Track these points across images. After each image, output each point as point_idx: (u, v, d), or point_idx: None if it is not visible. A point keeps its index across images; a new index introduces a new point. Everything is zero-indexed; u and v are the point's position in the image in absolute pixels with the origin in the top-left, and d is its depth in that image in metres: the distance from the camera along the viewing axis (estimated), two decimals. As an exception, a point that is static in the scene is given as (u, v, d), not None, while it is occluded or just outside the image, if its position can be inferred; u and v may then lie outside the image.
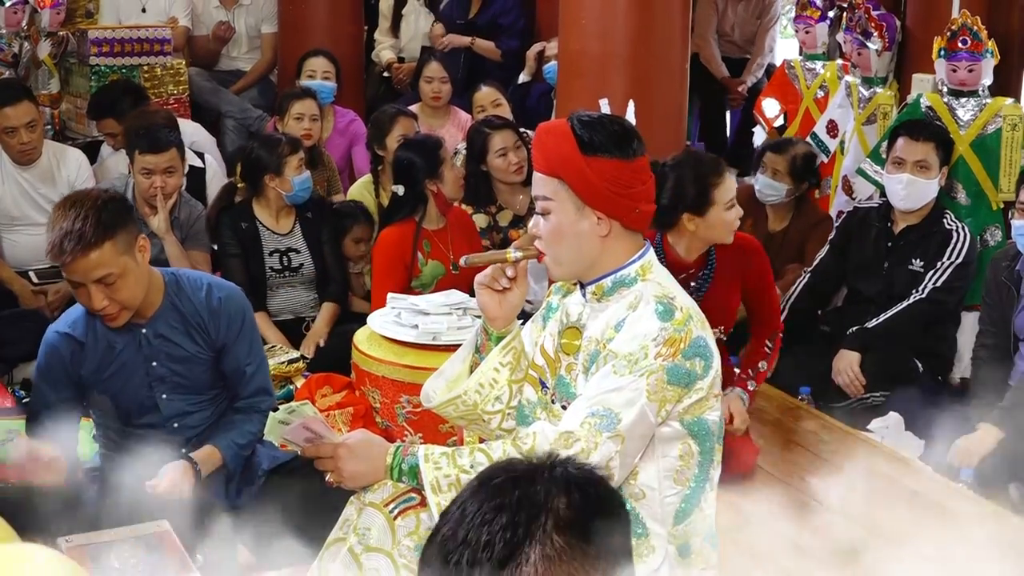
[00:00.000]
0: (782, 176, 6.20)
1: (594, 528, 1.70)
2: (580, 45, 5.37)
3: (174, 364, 3.92)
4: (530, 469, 1.76)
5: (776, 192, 6.21)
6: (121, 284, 3.72)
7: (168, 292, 3.92)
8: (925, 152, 5.51)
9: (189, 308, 3.93)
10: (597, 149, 2.88)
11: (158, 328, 3.90)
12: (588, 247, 2.94)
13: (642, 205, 2.94)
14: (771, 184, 6.21)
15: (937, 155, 5.54)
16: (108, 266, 3.67)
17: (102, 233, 3.65)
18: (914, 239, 5.56)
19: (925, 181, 5.51)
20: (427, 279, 5.48)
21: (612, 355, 2.84)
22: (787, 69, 7.67)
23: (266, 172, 5.69)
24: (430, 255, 5.51)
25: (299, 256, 5.77)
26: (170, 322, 3.91)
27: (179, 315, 3.92)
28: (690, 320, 2.86)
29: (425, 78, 7.56)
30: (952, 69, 6.03)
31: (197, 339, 3.94)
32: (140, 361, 3.90)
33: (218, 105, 8.33)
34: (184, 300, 3.93)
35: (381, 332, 4.78)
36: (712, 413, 2.91)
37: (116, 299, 3.73)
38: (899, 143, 5.61)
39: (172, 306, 3.92)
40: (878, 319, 5.41)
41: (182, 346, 3.92)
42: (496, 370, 3.09)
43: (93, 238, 3.64)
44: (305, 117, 6.64)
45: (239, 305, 4.02)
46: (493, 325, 3.12)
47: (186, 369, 3.94)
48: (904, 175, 5.53)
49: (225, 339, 3.96)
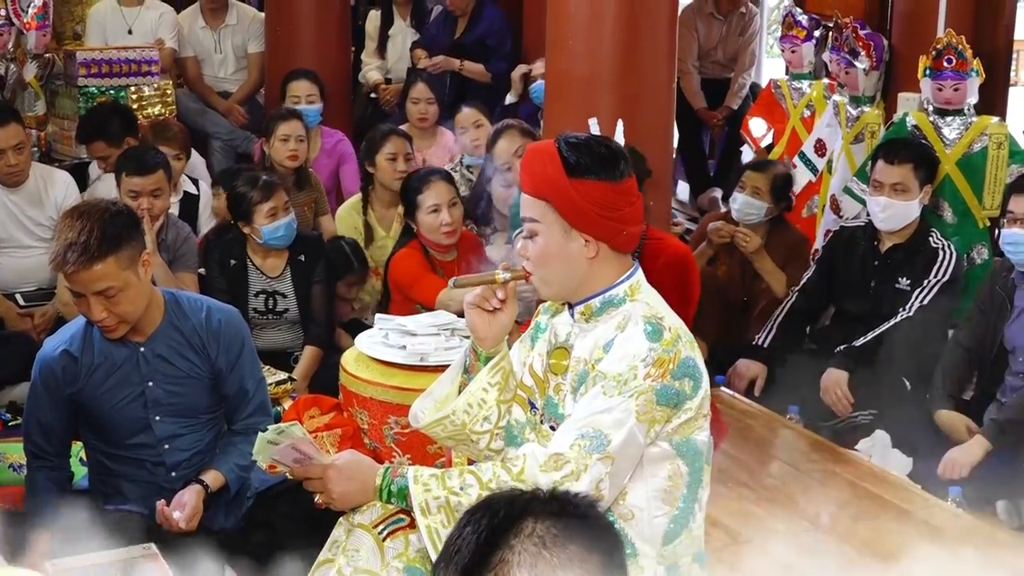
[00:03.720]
0: (763, 195, 6.16)
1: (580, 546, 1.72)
2: (567, 66, 5.39)
3: (170, 385, 3.92)
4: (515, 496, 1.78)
5: (756, 211, 6.17)
6: (121, 297, 3.72)
7: (168, 311, 3.92)
8: (902, 175, 5.52)
9: (188, 328, 3.93)
10: (583, 171, 2.88)
11: (156, 347, 3.90)
12: (576, 268, 2.95)
13: (629, 227, 2.94)
14: (751, 203, 6.16)
15: (917, 176, 5.54)
16: (109, 279, 3.68)
17: (106, 247, 3.66)
18: (900, 258, 5.58)
19: (903, 203, 5.52)
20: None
21: (601, 376, 2.85)
22: (773, 89, 7.70)
23: (237, 219, 5.67)
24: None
25: (285, 300, 5.72)
26: (169, 342, 3.91)
27: (178, 335, 3.92)
28: (679, 340, 2.86)
29: (412, 99, 7.56)
30: (938, 88, 6.05)
31: (195, 360, 3.94)
32: (136, 380, 3.89)
33: (205, 126, 8.32)
34: (183, 320, 3.93)
35: (369, 353, 4.78)
36: (701, 433, 2.92)
37: (115, 312, 3.73)
38: (877, 166, 5.62)
39: (172, 325, 3.92)
40: (865, 337, 5.42)
41: (179, 367, 3.92)
42: (485, 390, 3.09)
43: (97, 252, 3.64)
44: (291, 138, 6.63)
45: (238, 328, 4.02)
46: (482, 345, 3.12)
47: (182, 390, 3.94)
48: (882, 198, 5.53)
49: (224, 362, 3.96)
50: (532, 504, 1.77)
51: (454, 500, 2.85)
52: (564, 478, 2.78)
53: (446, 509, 2.84)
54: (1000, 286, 5.14)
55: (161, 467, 3.95)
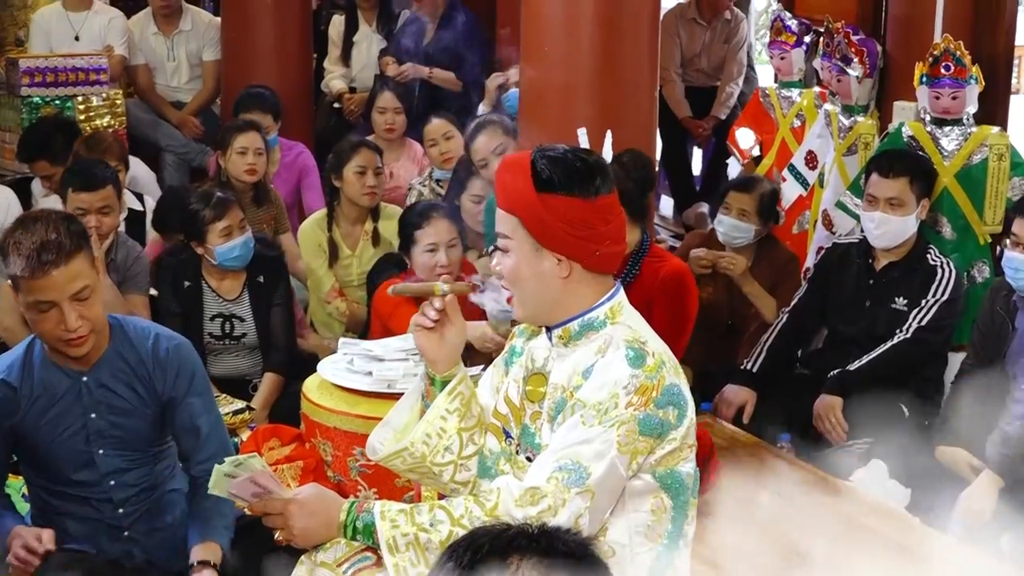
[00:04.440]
0: (750, 216, 6.12)
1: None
2: (543, 74, 5.39)
3: (114, 416, 3.88)
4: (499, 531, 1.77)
5: (744, 234, 6.13)
6: (94, 299, 3.70)
7: (113, 339, 3.88)
8: (898, 188, 5.53)
9: (134, 358, 3.89)
10: (553, 186, 2.88)
11: (100, 377, 3.86)
12: (549, 288, 2.94)
13: (604, 247, 2.93)
14: (738, 226, 6.12)
15: (913, 189, 5.55)
16: (85, 277, 3.66)
17: (76, 242, 3.66)
18: (897, 276, 5.58)
19: (899, 218, 5.53)
20: None
21: (580, 404, 2.84)
22: (762, 97, 7.71)
23: (190, 238, 5.65)
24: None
25: (243, 325, 5.71)
26: (113, 371, 3.87)
27: (123, 364, 3.88)
28: (663, 366, 2.86)
29: (378, 109, 7.57)
30: (935, 96, 6.07)
31: (140, 391, 3.90)
32: (79, 412, 3.86)
33: (157, 139, 8.31)
34: (129, 349, 3.89)
35: (332, 380, 4.76)
36: (686, 465, 2.92)
37: (88, 317, 3.69)
38: (871, 179, 5.63)
39: (117, 354, 3.88)
40: (861, 361, 5.42)
41: (124, 397, 3.88)
42: (443, 418, 3.07)
43: (72, 247, 3.63)
44: (249, 151, 6.61)
45: (188, 357, 3.98)
46: (434, 368, 3.10)
47: (126, 423, 3.90)
48: (877, 213, 5.54)
49: (172, 393, 3.91)
50: (517, 539, 1.76)
51: (423, 537, 2.83)
52: (541, 513, 2.78)
53: (415, 546, 2.83)
54: (1001, 307, 5.15)
55: (107, 504, 3.92)
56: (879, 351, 5.42)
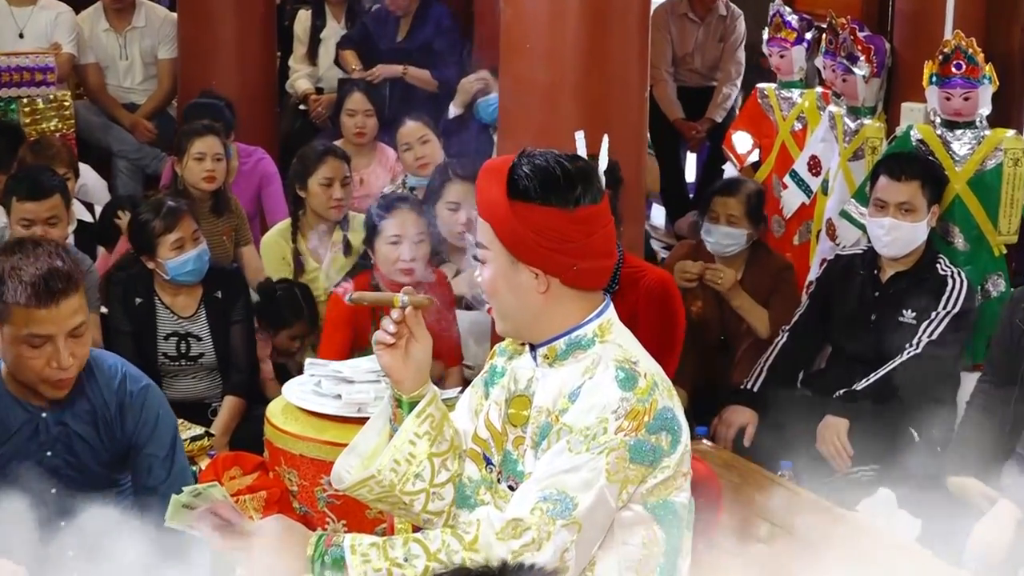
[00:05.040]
0: (739, 221, 6.11)
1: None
2: (525, 72, 5.39)
3: (71, 456, 3.84)
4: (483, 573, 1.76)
5: (735, 241, 6.13)
6: (87, 337, 3.70)
7: (80, 376, 3.81)
8: (909, 193, 5.55)
9: (99, 399, 3.84)
10: (527, 195, 2.87)
11: (62, 415, 3.81)
12: (528, 304, 2.94)
13: (583, 262, 2.92)
14: (729, 233, 6.11)
15: (924, 194, 5.57)
16: (83, 312, 3.64)
17: (79, 274, 3.64)
18: (904, 287, 5.59)
19: (911, 225, 5.55)
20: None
21: (566, 429, 2.84)
22: (760, 98, 7.71)
23: (140, 252, 5.63)
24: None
25: (200, 344, 5.69)
26: (76, 411, 3.83)
27: (87, 404, 3.83)
28: (655, 388, 2.86)
29: (347, 111, 7.56)
30: (946, 97, 6.09)
31: (102, 434, 3.86)
32: (34, 449, 3.81)
33: (108, 143, 8.29)
34: (94, 387, 3.84)
35: (298, 404, 4.75)
36: (680, 495, 2.91)
37: (79, 356, 3.68)
38: (880, 183, 5.64)
39: (81, 391, 3.83)
40: (867, 380, 5.42)
41: (85, 438, 3.84)
42: (412, 443, 3.05)
43: (76, 277, 3.62)
44: (207, 157, 6.58)
45: (154, 403, 3.93)
46: (400, 389, 3.08)
47: (83, 464, 3.86)
48: (886, 219, 5.56)
49: (134, 440, 3.88)
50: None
51: (397, 573, 2.83)
52: (524, 547, 2.77)
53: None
54: (1020, 319, 5.14)
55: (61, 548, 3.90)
56: (887, 368, 5.41)
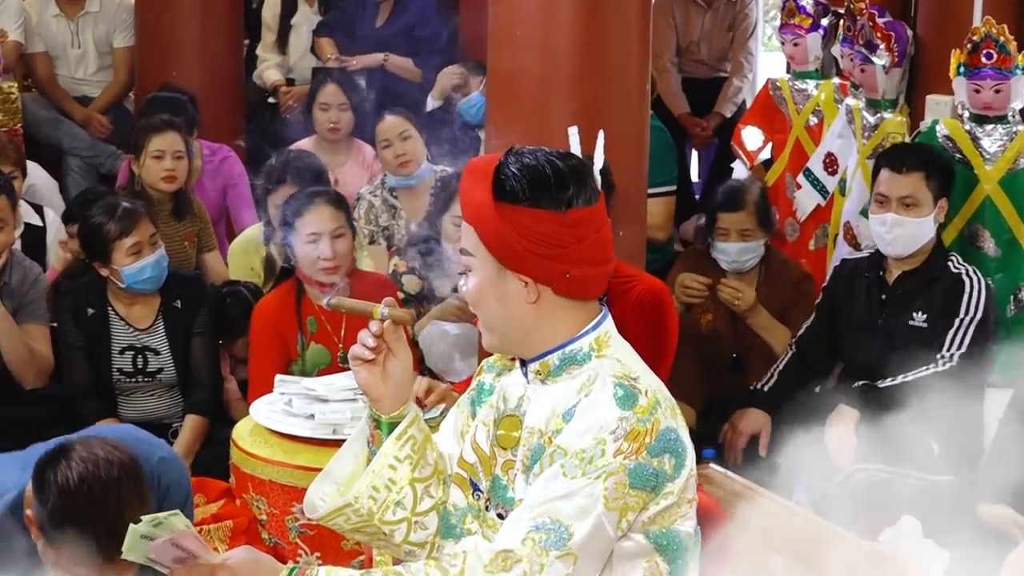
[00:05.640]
0: (752, 233, 6.15)
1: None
2: (514, 63, 5.39)
3: None
4: None
5: (754, 253, 6.17)
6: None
7: None
8: (912, 185, 5.56)
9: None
10: (514, 196, 2.88)
11: None
12: (518, 315, 2.95)
13: (576, 268, 2.91)
14: (745, 248, 6.14)
15: (929, 187, 5.57)
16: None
17: None
18: (913, 287, 5.59)
19: (914, 220, 5.55)
20: (308, 367, 5.41)
21: (560, 452, 2.84)
22: (772, 90, 7.73)
23: (93, 258, 5.64)
24: (313, 337, 5.46)
25: (157, 359, 5.71)
26: None
27: None
28: (657, 407, 2.86)
29: (320, 104, 7.56)
30: (975, 89, 6.10)
31: None
32: None
33: (59, 139, 8.29)
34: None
35: (267, 425, 4.76)
36: (685, 523, 2.92)
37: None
38: (881, 176, 5.66)
39: None
40: (892, 380, 5.38)
41: None
42: (392, 467, 3.05)
43: None
44: (167, 155, 6.58)
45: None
46: (379, 408, 3.08)
47: None
48: (888, 215, 5.58)
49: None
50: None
51: (376, 609, 2.84)
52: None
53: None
54: None
55: None
56: (915, 375, 5.37)
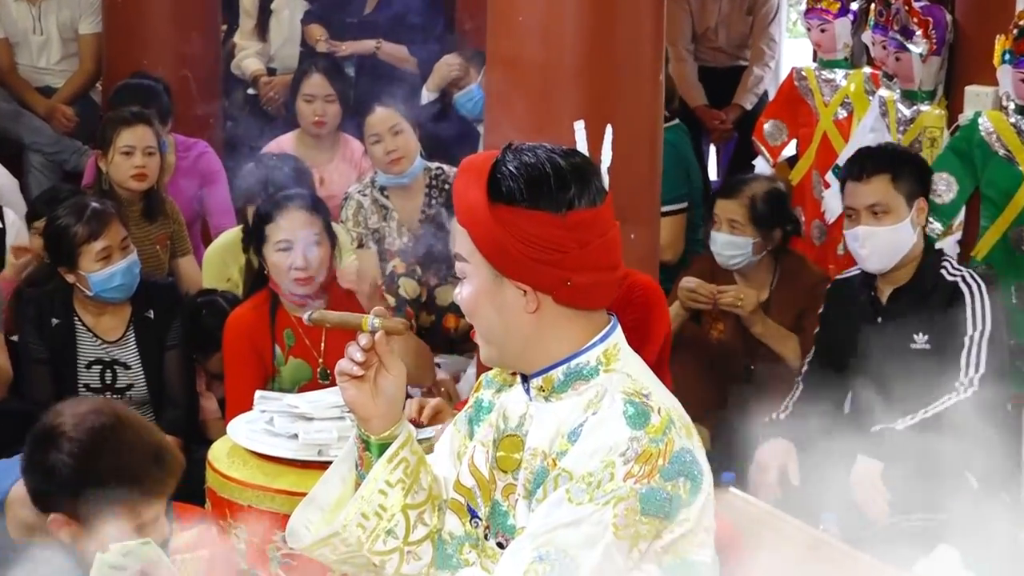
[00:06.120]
0: (741, 227, 6.14)
1: None
2: (516, 50, 5.38)
3: None
4: None
5: (740, 250, 6.16)
6: None
7: None
8: (878, 192, 5.43)
9: None
10: (510, 197, 2.88)
11: None
12: (516, 326, 2.94)
13: (578, 275, 2.91)
14: (731, 241, 6.15)
15: (898, 189, 5.45)
16: None
17: None
18: (908, 305, 5.49)
19: (888, 229, 5.43)
20: (286, 383, 5.41)
21: (566, 475, 2.84)
22: (797, 80, 7.73)
23: (58, 263, 5.63)
24: (292, 352, 5.47)
25: (128, 374, 5.72)
26: None
27: None
28: (671, 426, 2.86)
29: (304, 96, 7.56)
30: (1021, 79, 6.11)
31: None
32: None
33: (20, 134, 8.29)
34: None
35: (246, 445, 4.76)
36: (702, 552, 2.92)
37: None
38: (846, 189, 5.58)
39: None
40: (911, 419, 5.36)
41: None
42: (383, 492, 3.05)
43: None
44: (137, 151, 6.59)
45: None
46: (368, 429, 3.07)
47: None
48: (858, 228, 5.47)
49: None
50: None
51: (365, 647, 2.84)
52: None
53: (354, 658, 2.84)
54: None
55: None
56: (935, 408, 5.34)
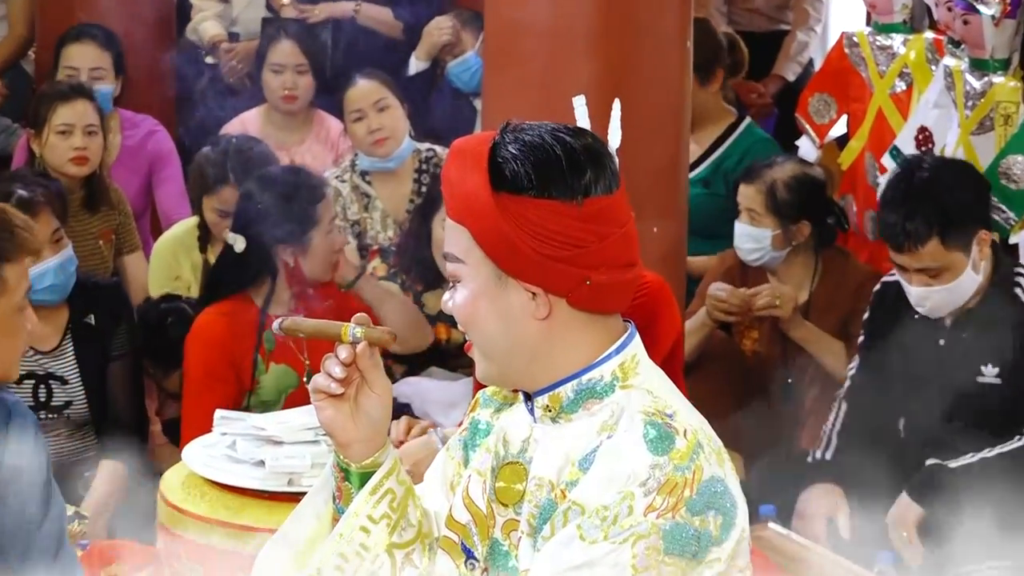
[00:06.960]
0: (759, 217, 6.19)
1: None
2: (518, 14, 5.39)
3: None
4: None
5: (757, 244, 6.21)
6: None
7: None
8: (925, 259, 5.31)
9: None
10: (517, 184, 2.86)
11: None
12: (523, 335, 2.92)
13: (597, 273, 2.89)
14: (748, 232, 6.21)
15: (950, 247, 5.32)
16: None
17: None
18: (974, 333, 5.46)
19: (947, 287, 5.35)
20: (269, 394, 5.43)
21: (577, 509, 2.84)
22: (847, 47, 7.74)
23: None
24: (272, 356, 5.46)
25: (65, 389, 5.75)
26: None
27: None
28: (699, 451, 2.86)
29: (272, 66, 7.58)
30: (1110, 46, 6.13)
31: None
32: None
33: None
34: None
35: (205, 473, 4.77)
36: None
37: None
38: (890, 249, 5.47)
39: None
40: (973, 455, 5.36)
41: None
42: (364, 529, 3.05)
43: None
44: (76, 129, 6.61)
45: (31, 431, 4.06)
46: (347, 455, 3.06)
47: None
48: (913, 289, 5.39)
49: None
50: None
51: None
52: None
53: None
54: None
55: None
56: (1003, 448, 5.34)
